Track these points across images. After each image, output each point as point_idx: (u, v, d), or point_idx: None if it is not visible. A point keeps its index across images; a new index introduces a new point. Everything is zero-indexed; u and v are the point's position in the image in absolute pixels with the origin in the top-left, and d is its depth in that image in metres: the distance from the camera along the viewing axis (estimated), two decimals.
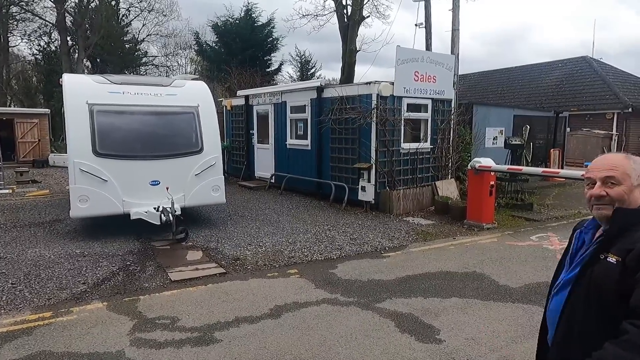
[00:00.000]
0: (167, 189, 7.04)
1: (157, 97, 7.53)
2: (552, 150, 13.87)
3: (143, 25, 30.17)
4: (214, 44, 24.97)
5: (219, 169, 7.76)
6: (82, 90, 7.18)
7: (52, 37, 28.11)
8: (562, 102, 20.38)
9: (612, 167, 1.57)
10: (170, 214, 6.70)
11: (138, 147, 7.17)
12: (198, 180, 7.46)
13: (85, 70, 25.89)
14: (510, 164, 10.78)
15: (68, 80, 7.44)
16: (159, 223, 6.78)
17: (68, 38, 25.60)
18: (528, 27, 66.86)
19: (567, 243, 1.85)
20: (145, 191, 7.04)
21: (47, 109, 20.90)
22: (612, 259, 1.50)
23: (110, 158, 6.89)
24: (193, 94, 7.94)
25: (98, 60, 28.20)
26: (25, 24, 26.77)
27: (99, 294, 4.87)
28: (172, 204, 6.80)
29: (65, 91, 7.12)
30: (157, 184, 7.13)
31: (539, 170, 9.06)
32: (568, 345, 1.62)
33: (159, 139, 7.42)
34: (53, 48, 28.34)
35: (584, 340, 1.54)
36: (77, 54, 25.53)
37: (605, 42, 56.11)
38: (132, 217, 6.88)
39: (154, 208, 6.89)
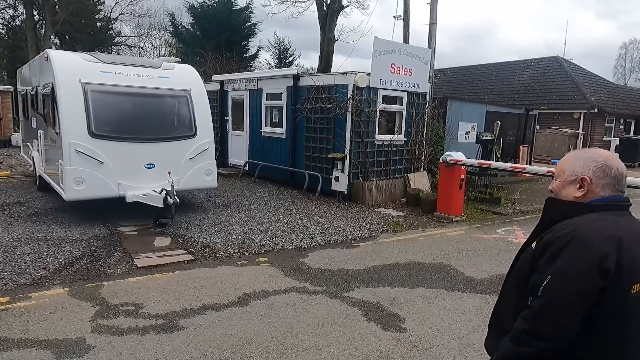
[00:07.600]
0: (169, 173, 7.01)
1: (149, 79, 7.30)
2: (521, 146, 14.26)
3: (116, 3, 28.89)
4: (189, 26, 24.34)
5: (211, 154, 7.77)
6: (74, 68, 6.83)
7: (17, 11, 26.63)
8: (532, 100, 20.94)
9: (558, 164, 1.67)
10: (175, 196, 6.66)
11: (133, 129, 6.98)
12: (192, 164, 7.43)
13: (53, 47, 24.73)
14: (481, 159, 11.01)
15: (56, 56, 7.03)
16: (162, 205, 6.70)
17: (34, 12, 24.27)
18: (493, 24, 68.62)
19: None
20: (141, 174, 6.91)
21: (10, 86, 19.88)
22: (533, 246, 1.57)
23: (106, 139, 6.67)
24: (184, 77, 7.79)
25: (67, 37, 26.96)
26: None
27: (60, 279, 4.72)
28: (173, 187, 6.75)
29: (56, 68, 6.73)
30: (152, 167, 7.02)
31: (507, 165, 9.28)
32: (496, 333, 1.67)
33: (154, 121, 7.26)
34: (18, 22, 26.85)
35: (505, 330, 1.57)
36: (44, 30, 24.30)
37: (566, 42, 58.31)
38: (128, 200, 6.71)
39: (155, 191, 6.77)
